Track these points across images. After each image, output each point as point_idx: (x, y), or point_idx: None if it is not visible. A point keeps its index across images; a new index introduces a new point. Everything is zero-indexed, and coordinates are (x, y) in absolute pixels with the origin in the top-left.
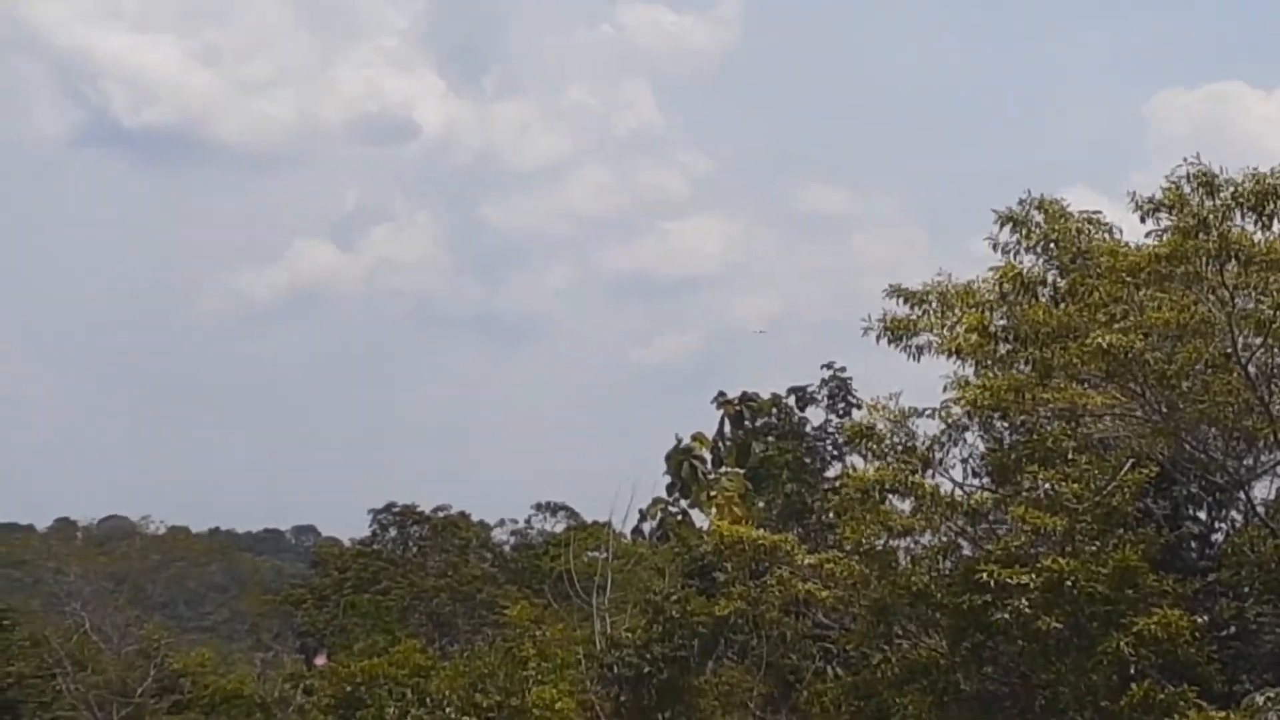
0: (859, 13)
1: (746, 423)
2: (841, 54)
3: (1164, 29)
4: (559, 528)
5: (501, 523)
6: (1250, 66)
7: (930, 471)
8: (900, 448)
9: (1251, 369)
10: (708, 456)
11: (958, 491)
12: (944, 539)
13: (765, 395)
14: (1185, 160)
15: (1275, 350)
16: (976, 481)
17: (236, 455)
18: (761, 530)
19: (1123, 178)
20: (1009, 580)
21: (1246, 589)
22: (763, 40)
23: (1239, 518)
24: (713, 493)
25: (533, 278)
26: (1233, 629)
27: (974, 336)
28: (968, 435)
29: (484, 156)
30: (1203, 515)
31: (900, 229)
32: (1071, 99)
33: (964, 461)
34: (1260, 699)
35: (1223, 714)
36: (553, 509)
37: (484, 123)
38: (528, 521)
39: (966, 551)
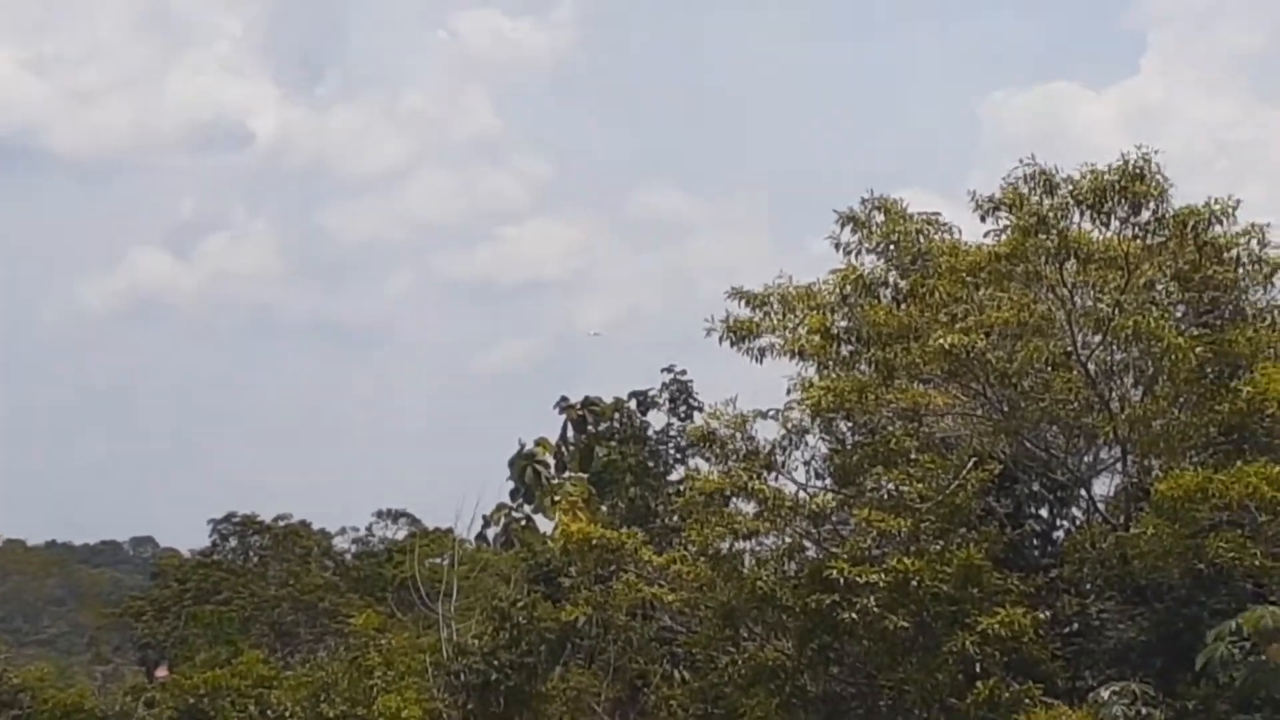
0: (696, 14)
1: (590, 427)
2: (680, 56)
3: (997, 29)
4: (401, 535)
5: (343, 530)
6: (1081, 67)
7: (773, 474)
8: (742, 451)
9: (1091, 366)
10: (551, 461)
11: (801, 494)
12: (789, 541)
13: (608, 400)
14: (1022, 161)
15: (1114, 348)
16: (820, 483)
17: (74, 466)
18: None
19: (960, 178)
20: (858, 579)
21: (1089, 585)
22: (599, 44)
23: (1080, 515)
24: (556, 497)
25: (373, 284)
26: (1076, 625)
27: (816, 338)
28: (809, 438)
29: (320, 163)
30: (1045, 513)
31: (742, 232)
32: (908, 99)
33: (806, 464)
34: (1105, 693)
35: (1068, 710)
36: (394, 516)
37: (320, 129)
38: (369, 529)
39: (811, 554)
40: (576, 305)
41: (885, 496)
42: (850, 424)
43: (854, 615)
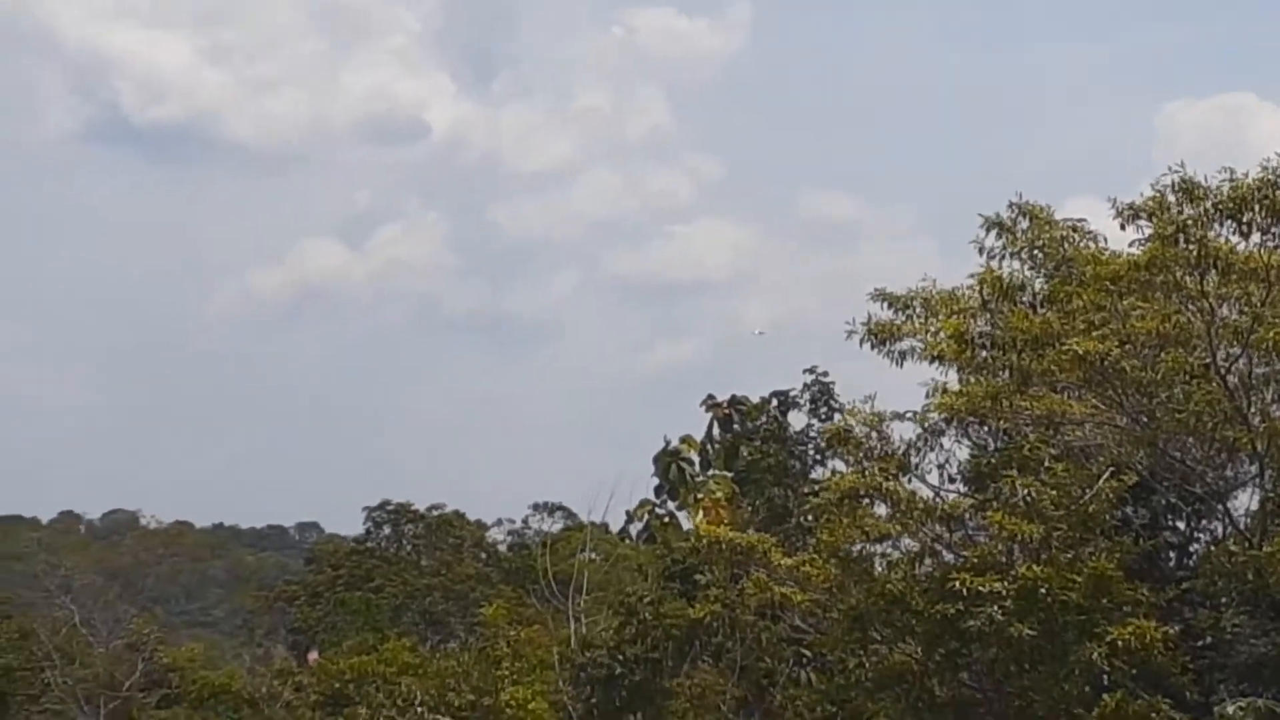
0: (872, 19)
1: (735, 426)
2: (855, 60)
3: (1174, 39)
4: (556, 528)
5: (499, 522)
6: (1260, 78)
7: (907, 476)
8: (877, 452)
9: (1231, 379)
10: (695, 459)
11: (934, 497)
12: (920, 545)
13: (756, 400)
14: (1170, 169)
15: (1255, 360)
16: (954, 487)
17: (243, 452)
18: (740, 532)
19: (1131, 190)
20: (981, 588)
21: (1223, 599)
22: (774, 45)
23: (1217, 528)
24: (699, 495)
25: (540, 281)
26: (1208, 639)
27: (953, 343)
28: (944, 440)
29: (493, 158)
30: (1181, 525)
31: (910, 238)
32: (1083, 109)
33: (941, 467)
34: (1231, 709)
35: None
36: (550, 509)
37: (493, 125)
38: (525, 521)
39: (943, 558)
40: (740, 306)
41: (1018, 502)
42: (986, 429)
43: (980, 623)
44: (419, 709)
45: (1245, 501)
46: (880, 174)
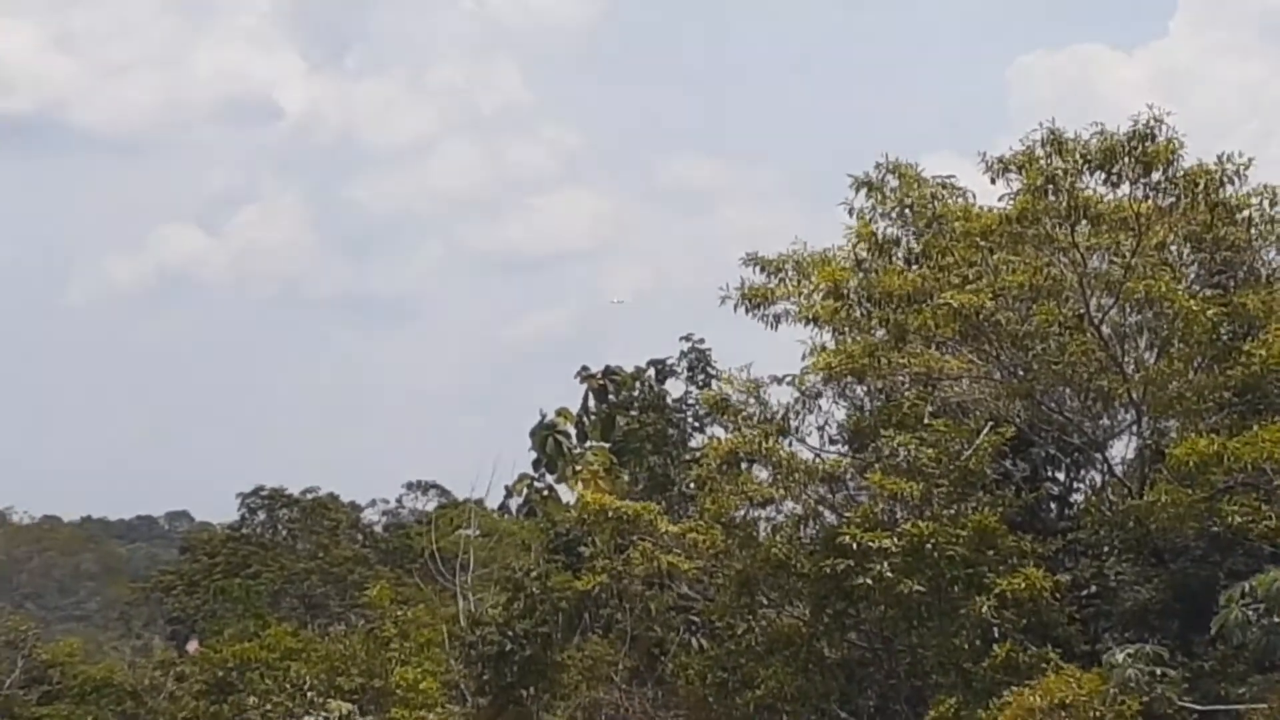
0: None
1: (611, 396)
2: (709, 24)
3: None
4: (430, 506)
5: (373, 503)
6: (1110, 29)
7: (787, 440)
8: (756, 417)
9: (1105, 329)
10: (572, 431)
11: (815, 458)
12: (804, 507)
13: (630, 369)
14: (1040, 123)
15: (1128, 310)
16: (834, 449)
17: (109, 442)
18: (625, 501)
19: (988, 143)
20: (870, 544)
21: (1105, 548)
22: (627, 11)
23: (1097, 478)
24: (578, 467)
25: (401, 257)
26: (1093, 588)
27: (829, 301)
28: (822, 402)
29: (349, 136)
30: (1061, 476)
31: (770, 200)
32: (936, 65)
33: (820, 429)
34: (1120, 655)
35: (1082, 673)
36: (424, 488)
37: (347, 102)
38: (399, 501)
39: (827, 520)
40: (604, 275)
41: (899, 461)
42: (863, 388)
43: (869, 580)
44: (308, 694)
45: (1122, 450)
46: (740, 137)
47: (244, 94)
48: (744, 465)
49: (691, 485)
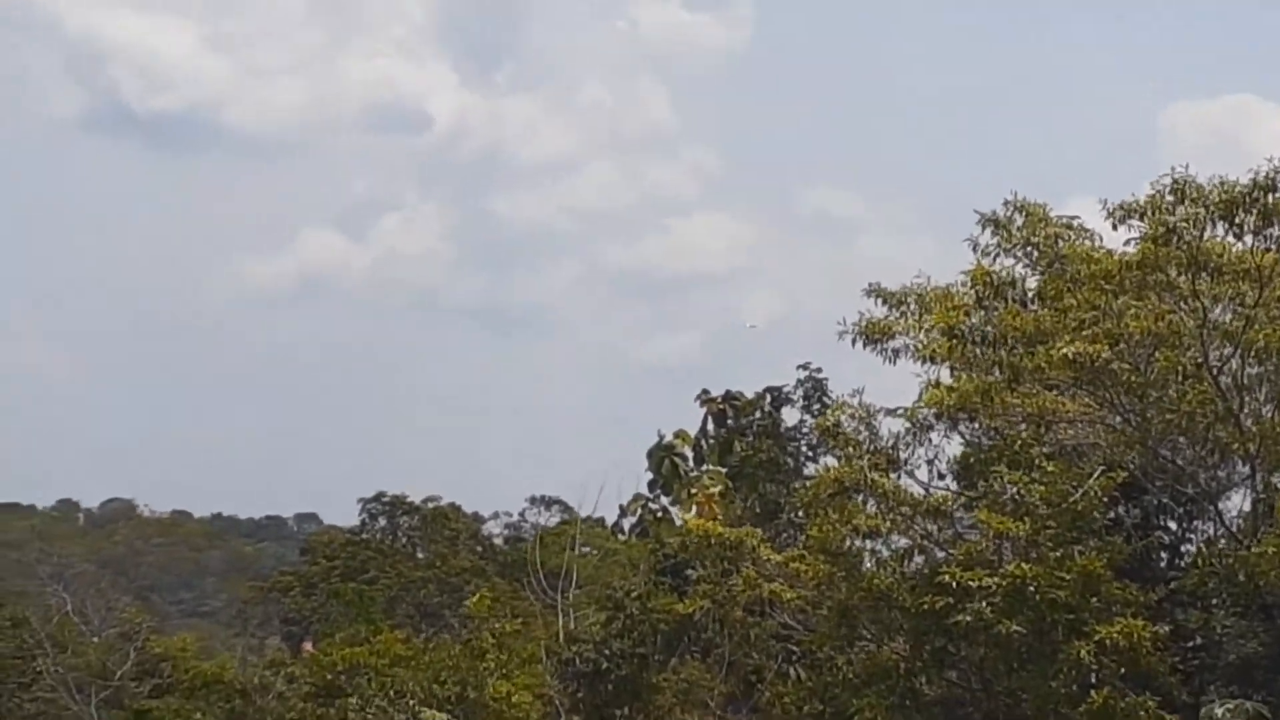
0: (873, 13)
1: (729, 421)
2: (855, 54)
3: (1181, 38)
4: (553, 521)
5: (495, 515)
6: (1267, 79)
7: (896, 472)
8: (866, 447)
9: (1224, 380)
10: (689, 454)
11: (924, 492)
12: (909, 541)
13: (751, 395)
14: (1172, 170)
15: (1247, 361)
16: (943, 484)
17: (242, 442)
18: (731, 528)
19: (1134, 189)
20: (970, 583)
21: (1214, 600)
22: (776, 39)
23: (1209, 529)
24: (692, 490)
25: (538, 272)
26: (1198, 639)
27: (944, 339)
28: (933, 436)
29: (494, 150)
30: (1173, 525)
31: (909, 233)
32: (1087, 107)
33: (930, 463)
34: (1220, 710)
35: None
36: (547, 503)
37: (495, 116)
38: (521, 515)
39: (932, 554)
40: (739, 300)
41: (1007, 499)
42: (976, 425)
43: (968, 619)
44: (410, 701)
45: (1237, 503)
46: (882, 169)
47: (393, 102)
48: (852, 496)
49: (800, 514)
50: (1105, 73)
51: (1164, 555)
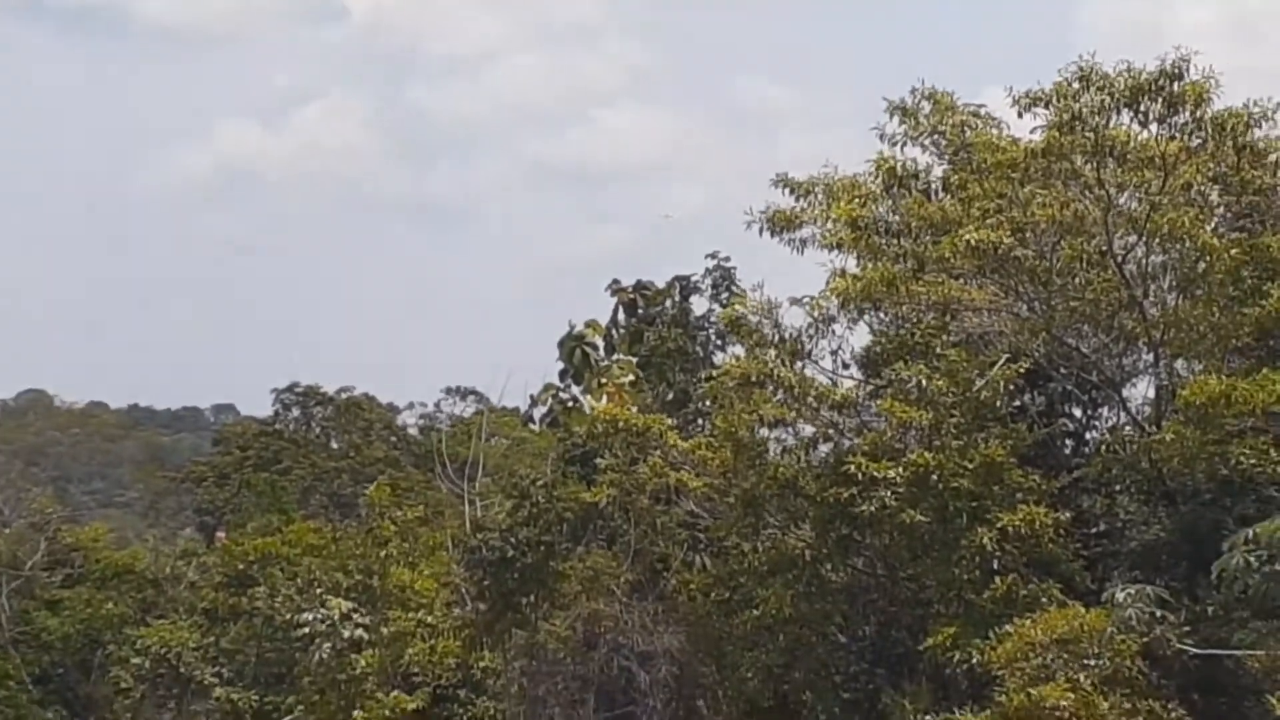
0: None
1: (640, 311)
2: None
3: None
4: (468, 412)
5: (411, 405)
6: None
7: (801, 363)
8: (771, 338)
9: (1129, 268)
10: (600, 344)
11: (827, 382)
12: (815, 431)
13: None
14: (1079, 57)
15: (1152, 249)
16: (849, 374)
17: (160, 333)
18: (636, 413)
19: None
20: (875, 473)
21: (1117, 486)
22: None
23: (1114, 416)
24: (603, 380)
25: (463, 165)
26: (1101, 526)
27: (849, 229)
28: (836, 327)
29: (415, 41)
30: (1077, 413)
31: (838, 126)
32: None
33: (834, 354)
34: (1121, 594)
35: (1083, 609)
36: (462, 393)
37: (415, 5)
38: (437, 406)
39: (838, 444)
40: (665, 192)
41: (910, 389)
42: (880, 315)
43: (873, 508)
44: (317, 590)
45: (1142, 390)
46: (812, 62)
47: None
48: (758, 386)
49: (707, 403)
50: None
51: (1068, 443)
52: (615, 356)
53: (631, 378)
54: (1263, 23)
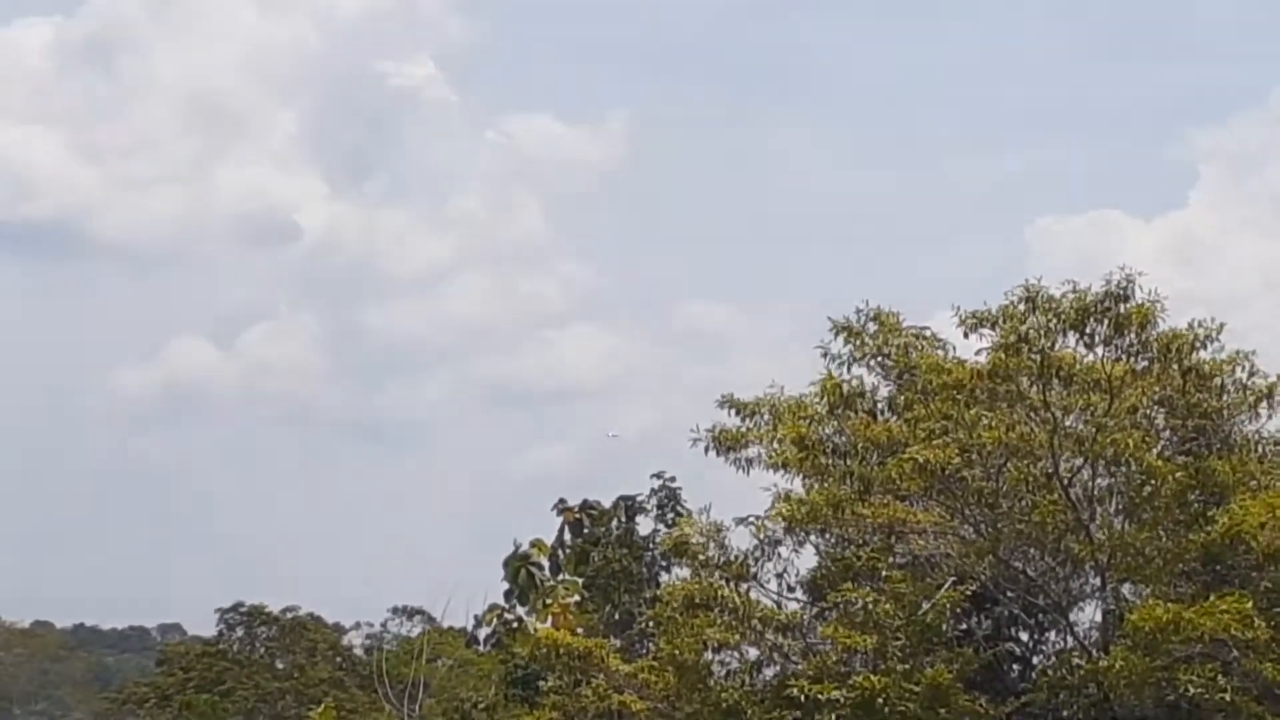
0: (747, 134)
1: (586, 530)
2: (730, 172)
3: (1046, 156)
4: (415, 632)
5: (357, 625)
6: (1131, 197)
7: (747, 586)
8: (716, 561)
9: (1075, 490)
10: (546, 563)
11: (774, 606)
12: (759, 654)
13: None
14: (1026, 281)
15: (1098, 472)
16: (794, 596)
17: (107, 552)
18: (583, 638)
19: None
20: (820, 696)
21: (1065, 713)
22: (648, 155)
23: (1061, 640)
24: (548, 600)
25: (411, 383)
26: None
27: (795, 449)
28: (782, 549)
29: (366, 261)
30: (1024, 636)
31: (781, 349)
32: (956, 225)
33: (779, 576)
34: None
35: None
36: (409, 613)
37: (367, 227)
38: (384, 625)
39: (784, 668)
40: (613, 412)
41: (855, 612)
42: (826, 537)
43: None
44: None
45: (1089, 614)
46: (756, 285)
47: (264, 213)
48: (703, 608)
49: (650, 625)
50: (972, 192)
51: (1015, 667)
52: (561, 576)
53: (577, 598)
54: (1201, 248)
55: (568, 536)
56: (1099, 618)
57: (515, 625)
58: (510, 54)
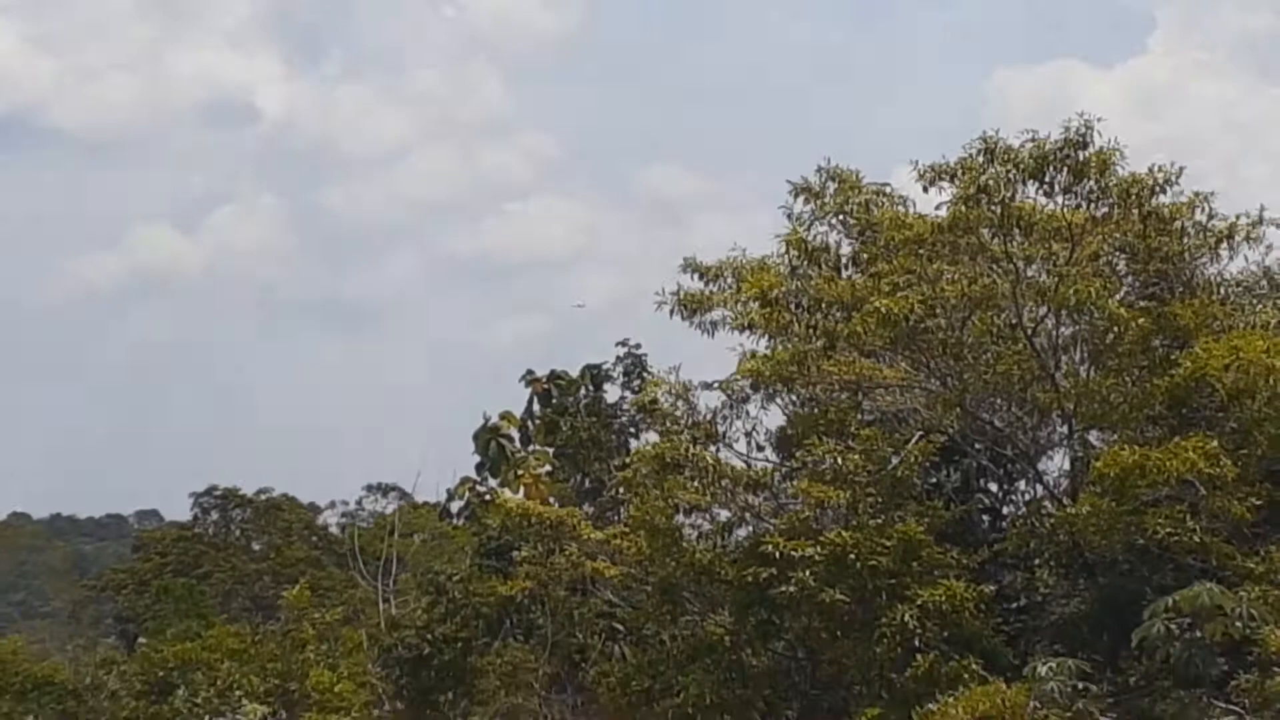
0: None
1: (554, 400)
2: (687, 35)
3: (1004, 5)
4: (390, 509)
5: (332, 504)
6: (1089, 45)
7: (715, 446)
8: (685, 421)
9: (1039, 340)
10: (515, 435)
11: (743, 465)
12: (729, 514)
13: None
14: (984, 132)
15: (1062, 320)
16: (763, 455)
17: (82, 441)
18: (555, 507)
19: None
20: (793, 553)
21: (1036, 560)
22: (606, 22)
23: (1030, 490)
24: (519, 471)
25: (377, 262)
26: (1021, 600)
27: (759, 306)
28: (750, 408)
29: (326, 141)
30: (993, 487)
31: (745, 211)
32: (914, 78)
33: (748, 435)
34: (1043, 669)
35: (1005, 685)
36: (384, 490)
37: (326, 106)
38: (359, 503)
39: (752, 527)
40: (580, 283)
41: (825, 469)
42: (793, 395)
43: (791, 589)
44: (236, 694)
45: (1057, 463)
46: (719, 149)
47: (222, 96)
48: (674, 472)
49: (620, 491)
50: (929, 44)
51: (985, 518)
52: (531, 447)
53: (548, 468)
54: (1161, 94)
55: (536, 407)
56: (1067, 466)
57: (487, 497)
58: None
